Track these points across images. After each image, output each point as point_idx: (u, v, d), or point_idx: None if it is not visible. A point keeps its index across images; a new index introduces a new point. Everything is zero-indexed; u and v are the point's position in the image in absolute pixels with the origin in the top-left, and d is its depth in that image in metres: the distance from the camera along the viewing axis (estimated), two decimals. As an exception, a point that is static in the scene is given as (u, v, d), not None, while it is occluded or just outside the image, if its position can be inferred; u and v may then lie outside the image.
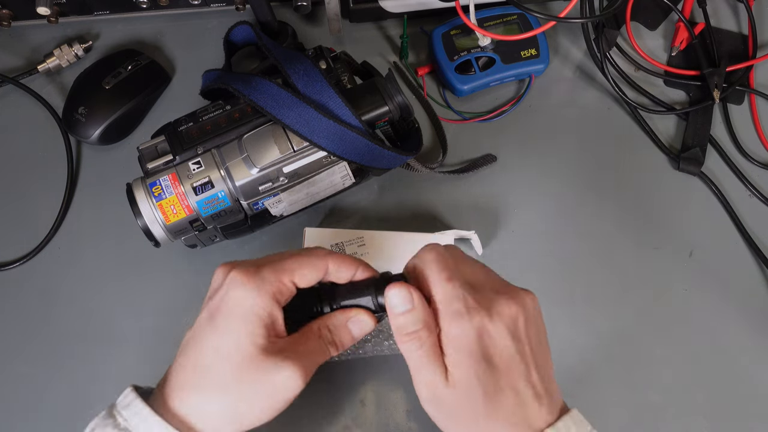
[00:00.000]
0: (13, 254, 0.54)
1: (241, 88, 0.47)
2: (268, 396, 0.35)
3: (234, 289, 0.35)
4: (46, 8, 0.55)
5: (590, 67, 0.62)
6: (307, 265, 0.37)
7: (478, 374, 0.34)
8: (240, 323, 0.35)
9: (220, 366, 0.35)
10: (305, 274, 0.37)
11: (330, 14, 0.57)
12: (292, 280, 0.36)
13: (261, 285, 0.35)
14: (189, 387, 0.35)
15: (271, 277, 0.35)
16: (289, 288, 0.36)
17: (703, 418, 0.50)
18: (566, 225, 0.56)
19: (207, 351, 0.35)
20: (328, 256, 0.38)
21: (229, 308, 0.35)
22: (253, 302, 0.35)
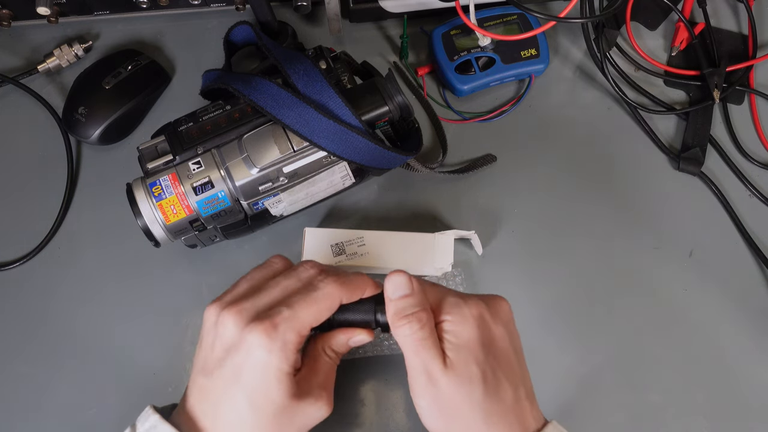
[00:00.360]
0: (13, 254, 0.54)
1: (241, 88, 0.47)
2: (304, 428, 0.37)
3: (259, 351, 0.35)
4: (46, 8, 0.55)
5: (590, 67, 0.62)
6: (322, 312, 0.37)
7: (479, 360, 0.35)
8: (270, 382, 0.35)
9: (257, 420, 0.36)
10: (320, 320, 0.37)
11: (330, 14, 0.57)
12: (310, 327, 0.37)
13: (283, 347, 0.35)
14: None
15: (291, 336, 0.36)
16: (306, 335, 0.37)
17: (703, 418, 0.50)
18: (566, 225, 0.56)
19: (241, 407, 0.36)
20: (341, 291, 0.38)
21: (255, 369, 0.35)
22: (278, 363, 0.35)
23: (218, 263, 0.54)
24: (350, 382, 0.50)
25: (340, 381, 0.50)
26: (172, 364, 0.50)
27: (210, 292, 0.53)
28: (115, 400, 0.49)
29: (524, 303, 0.53)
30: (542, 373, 0.50)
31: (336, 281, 0.38)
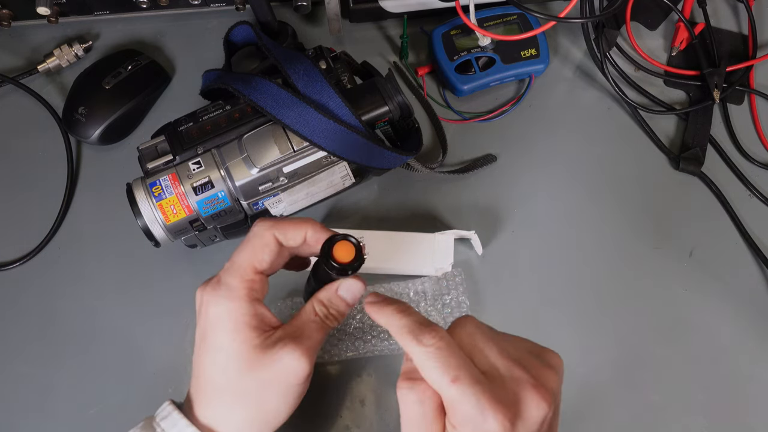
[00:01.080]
0: (13, 254, 0.54)
1: (241, 88, 0.47)
2: (279, 386, 0.36)
3: (209, 307, 0.37)
4: (46, 8, 0.55)
5: (590, 67, 0.62)
6: (256, 251, 0.37)
7: None
8: (228, 334, 0.36)
9: (227, 377, 0.36)
10: (260, 259, 0.37)
11: (330, 14, 0.57)
12: (253, 270, 0.37)
13: (229, 293, 0.36)
14: (208, 402, 0.37)
15: (234, 281, 0.37)
16: (255, 280, 0.37)
17: (703, 418, 0.50)
18: (566, 225, 0.56)
19: (211, 368, 0.37)
20: (272, 229, 0.38)
21: (213, 325, 0.37)
22: (230, 312, 0.36)
23: (218, 263, 0.53)
24: (350, 382, 0.50)
25: (341, 381, 0.50)
26: (172, 363, 0.50)
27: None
28: (116, 400, 0.49)
29: (524, 303, 0.53)
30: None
31: (266, 221, 0.38)
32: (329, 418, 0.49)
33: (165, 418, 0.38)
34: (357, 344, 0.50)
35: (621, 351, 0.52)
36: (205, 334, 0.37)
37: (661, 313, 0.53)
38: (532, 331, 0.53)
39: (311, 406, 0.49)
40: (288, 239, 0.38)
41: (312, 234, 0.38)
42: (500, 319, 0.51)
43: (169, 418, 0.37)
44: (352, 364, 0.50)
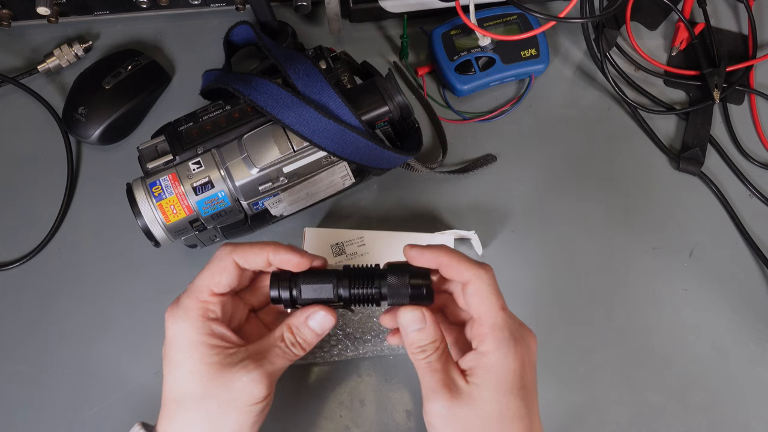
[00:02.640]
0: (13, 254, 0.54)
1: (241, 88, 0.47)
2: (235, 406, 0.37)
3: (169, 327, 0.38)
4: (46, 8, 0.55)
5: (590, 67, 0.62)
6: (214, 274, 0.38)
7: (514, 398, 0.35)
8: (185, 353, 0.37)
9: (185, 392, 0.37)
10: (217, 282, 0.38)
11: (330, 14, 0.57)
12: (210, 292, 0.38)
13: (185, 314, 0.37)
14: (171, 417, 0.38)
15: (190, 302, 0.37)
16: (213, 301, 0.38)
17: (703, 418, 0.50)
18: (566, 225, 0.56)
19: (172, 383, 0.37)
20: (233, 253, 0.38)
21: (172, 344, 0.37)
22: (185, 332, 0.37)
23: (218, 263, 0.53)
24: (350, 382, 0.50)
25: (341, 381, 0.50)
26: None
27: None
28: (115, 400, 0.49)
29: (524, 303, 0.53)
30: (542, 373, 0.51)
31: (227, 245, 0.39)
32: (329, 418, 0.49)
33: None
34: (357, 344, 0.50)
35: (621, 351, 0.52)
36: (166, 352, 0.38)
37: (661, 313, 0.53)
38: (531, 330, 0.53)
39: (311, 406, 0.49)
40: (249, 263, 0.38)
41: (274, 256, 0.38)
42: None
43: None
44: (352, 364, 0.50)
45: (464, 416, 0.35)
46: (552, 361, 0.51)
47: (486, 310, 0.36)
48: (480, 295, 0.36)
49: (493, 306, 0.36)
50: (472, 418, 0.35)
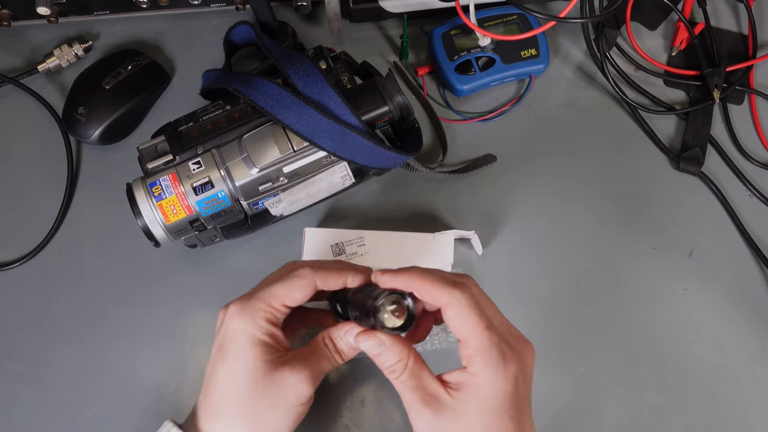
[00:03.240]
0: (13, 254, 0.54)
1: (241, 88, 0.47)
2: (283, 405, 0.38)
3: (232, 321, 0.39)
4: (46, 8, 0.55)
5: (590, 67, 0.62)
6: (293, 289, 0.39)
7: (503, 418, 0.35)
8: (244, 348, 0.38)
9: (236, 389, 0.38)
10: (293, 297, 0.39)
11: (330, 14, 0.57)
12: (283, 303, 0.39)
13: (254, 314, 0.38)
14: (214, 414, 0.38)
15: (261, 305, 0.39)
16: (281, 310, 0.39)
17: (703, 418, 0.50)
18: (566, 225, 0.56)
19: (223, 379, 0.38)
20: (315, 275, 0.40)
21: (232, 338, 0.38)
22: (250, 329, 0.38)
23: (218, 263, 0.54)
24: (350, 382, 0.50)
25: (341, 381, 0.50)
26: (172, 363, 0.50)
27: (210, 292, 0.53)
28: (116, 400, 0.49)
29: (524, 302, 0.53)
30: (542, 373, 0.51)
31: (310, 265, 0.40)
32: (329, 418, 0.49)
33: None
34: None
35: (621, 351, 0.52)
36: (223, 345, 0.38)
37: (661, 313, 0.53)
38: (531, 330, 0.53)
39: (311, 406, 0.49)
40: (327, 285, 0.40)
41: (352, 281, 0.40)
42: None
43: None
44: (352, 364, 0.50)
45: (449, 430, 0.35)
46: (552, 361, 0.51)
47: (469, 333, 0.35)
48: (460, 318, 0.35)
49: (477, 327, 0.35)
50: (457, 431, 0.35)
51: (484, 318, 0.35)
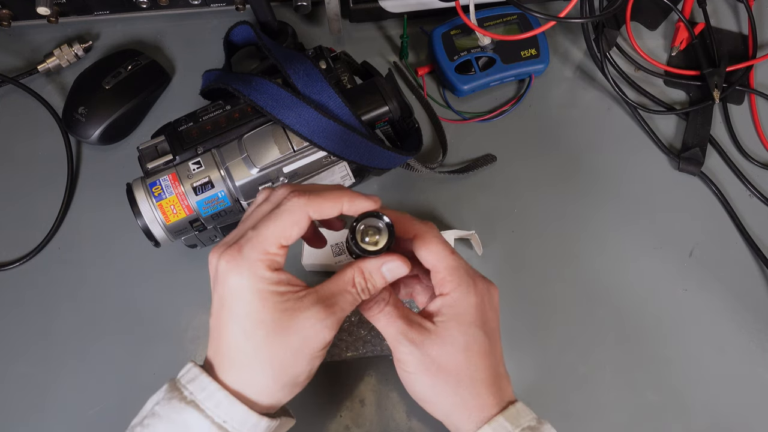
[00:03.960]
0: (13, 254, 0.54)
1: (241, 88, 0.47)
2: (306, 352, 0.36)
3: (229, 276, 0.35)
4: (46, 8, 0.55)
5: (590, 67, 0.62)
6: (286, 227, 0.36)
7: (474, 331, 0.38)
8: (252, 304, 0.35)
9: (254, 342, 0.35)
10: (288, 235, 0.36)
11: (330, 14, 0.57)
12: (278, 245, 0.36)
13: (252, 266, 0.35)
14: (231, 366, 0.36)
15: (255, 254, 0.35)
16: (280, 253, 0.36)
17: (703, 418, 0.50)
18: (566, 225, 0.56)
19: (235, 334, 0.36)
20: (307, 205, 0.36)
21: (236, 294, 0.35)
22: (254, 281, 0.35)
23: (218, 263, 0.53)
24: (350, 382, 0.50)
25: (341, 381, 0.50)
26: (172, 363, 0.50)
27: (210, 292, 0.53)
28: (116, 400, 0.49)
29: (524, 302, 0.53)
30: (542, 373, 0.51)
31: (300, 196, 0.36)
32: (329, 418, 0.49)
33: (192, 381, 0.37)
34: (357, 344, 0.50)
35: (621, 351, 0.52)
36: (227, 302, 0.36)
37: (662, 313, 0.53)
38: (531, 330, 0.53)
39: (311, 406, 0.49)
40: (323, 214, 0.37)
41: (349, 206, 0.37)
42: (500, 318, 0.50)
43: (197, 381, 0.36)
44: (352, 364, 0.50)
45: (434, 352, 0.37)
46: (552, 361, 0.51)
47: (438, 257, 0.38)
48: (431, 246, 0.38)
49: (444, 252, 0.38)
50: (442, 353, 0.37)
51: (449, 246, 0.39)
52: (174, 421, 0.35)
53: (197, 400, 0.36)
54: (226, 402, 0.35)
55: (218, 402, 0.35)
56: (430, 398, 0.38)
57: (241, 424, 0.35)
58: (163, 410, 0.36)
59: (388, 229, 0.37)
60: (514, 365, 0.41)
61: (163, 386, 0.38)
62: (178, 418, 0.35)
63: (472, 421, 0.37)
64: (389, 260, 0.37)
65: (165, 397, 0.37)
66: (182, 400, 0.36)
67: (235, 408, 0.35)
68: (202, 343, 0.51)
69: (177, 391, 0.36)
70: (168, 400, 0.36)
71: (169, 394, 0.37)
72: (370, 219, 0.37)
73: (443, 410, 0.38)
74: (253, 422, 0.36)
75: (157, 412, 0.36)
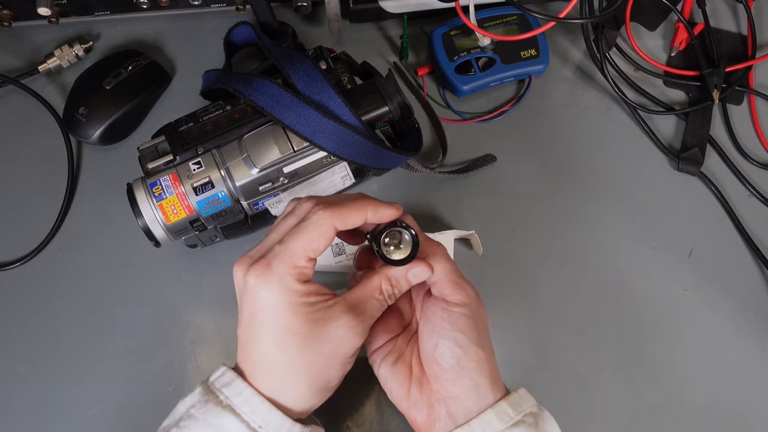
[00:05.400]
0: (13, 254, 0.54)
1: (241, 89, 0.47)
2: (338, 359, 0.37)
3: (260, 290, 0.36)
4: (47, 9, 0.55)
5: (590, 67, 0.62)
6: (313, 240, 0.37)
7: (473, 325, 0.39)
8: (282, 316, 0.36)
9: (288, 354, 0.36)
10: (315, 248, 0.37)
11: (330, 14, 0.57)
12: (307, 258, 0.37)
13: (282, 279, 0.36)
14: (265, 375, 0.37)
15: (284, 268, 0.36)
16: (307, 266, 0.37)
17: (703, 418, 0.50)
18: (565, 225, 0.56)
19: (267, 346, 0.37)
20: (332, 218, 0.37)
21: (266, 308, 0.36)
22: (285, 297, 0.36)
23: (218, 263, 0.54)
24: (350, 382, 0.50)
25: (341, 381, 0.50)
26: (172, 363, 0.51)
27: (210, 292, 0.53)
28: (116, 400, 0.49)
29: (524, 303, 0.53)
30: (542, 372, 0.51)
31: (326, 208, 0.37)
32: (329, 418, 0.49)
33: (227, 386, 0.37)
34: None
35: (621, 351, 0.52)
36: (258, 316, 0.36)
37: (661, 313, 0.53)
38: (531, 330, 0.53)
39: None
40: (348, 225, 0.38)
41: (373, 215, 0.38)
42: (500, 318, 0.51)
43: (232, 386, 0.37)
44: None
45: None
46: (552, 361, 0.51)
47: (437, 260, 0.40)
48: (438, 265, 0.40)
49: (441, 258, 0.40)
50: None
51: (446, 253, 0.41)
52: (211, 425, 0.36)
53: (233, 405, 0.36)
54: (262, 408, 0.36)
55: (255, 408, 0.36)
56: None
57: (276, 430, 0.36)
58: (200, 413, 0.36)
59: (413, 240, 0.38)
60: (514, 365, 0.41)
61: (196, 389, 0.38)
62: (215, 422, 0.36)
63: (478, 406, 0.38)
64: (415, 266, 0.39)
65: (201, 400, 0.37)
66: (218, 404, 0.36)
67: (271, 414, 0.36)
68: (202, 344, 0.51)
69: (212, 395, 0.37)
70: (204, 404, 0.37)
71: (205, 397, 0.37)
72: (394, 227, 0.39)
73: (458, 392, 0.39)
74: (287, 428, 0.36)
75: (193, 415, 0.36)
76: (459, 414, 0.38)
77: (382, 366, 0.41)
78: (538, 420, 0.38)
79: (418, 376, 0.40)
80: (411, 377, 0.40)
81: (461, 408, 0.38)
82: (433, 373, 0.39)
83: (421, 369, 0.40)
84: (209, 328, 0.52)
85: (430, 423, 0.39)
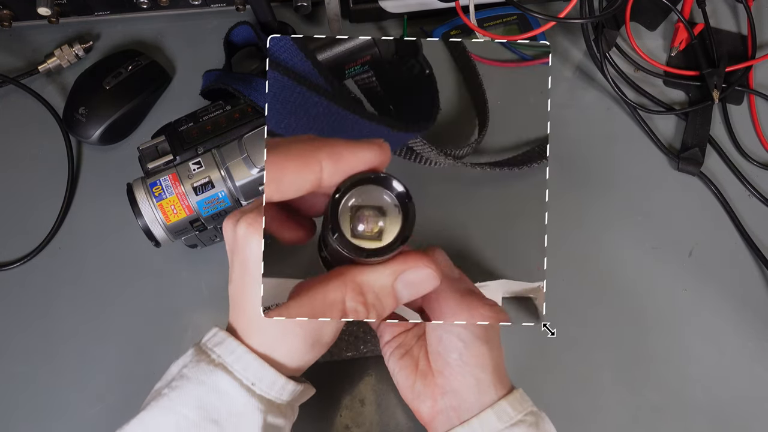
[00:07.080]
0: (13, 254, 0.54)
1: (241, 89, 0.47)
2: None
3: (249, 242, 0.34)
4: (47, 9, 0.55)
5: (590, 67, 0.62)
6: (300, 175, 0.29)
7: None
8: None
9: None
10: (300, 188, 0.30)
11: (330, 14, 0.57)
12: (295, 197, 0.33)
13: None
14: (257, 330, 0.36)
15: None
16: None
17: (703, 418, 0.50)
18: (565, 225, 0.56)
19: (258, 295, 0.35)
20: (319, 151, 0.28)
21: (256, 258, 0.34)
22: None
23: (218, 263, 0.53)
24: (350, 382, 0.50)
25: (341, 381, 0.50)
26: (172, 363, 0.50)
27: (210, 292, 0.53)
28: (116, 400, 0.49)
29: (524, 303, 0.53)
30: (541, 372, 0.51)
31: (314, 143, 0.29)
32: (329, 418, 0.49)
33: (219, 345, 0.36)
34: (357, 344, 0.50)
35: (621, 351, 0.52)
36: (249, 267, 0.34)
37: (661, 313, 0.53)
38: (530, 329, 0.53)
39: (311, 406, 0.49)
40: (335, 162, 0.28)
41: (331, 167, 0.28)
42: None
43: (224, 345, 0.36)
44: (352, 364, 0.50)
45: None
46: (552, 361, 0.51)
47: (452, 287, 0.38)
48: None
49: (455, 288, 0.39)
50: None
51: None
52: (204, 383, 0.35)
53: (225, 363, 0.35)
54: (255, 364, 0.35)
55: (247, 364, 0.35)
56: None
57: (269, 387, 0.35)
58: (192, 372, 0.36)
59: (401, 204, 0.22)
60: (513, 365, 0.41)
61: (188, 351, 0.37)
62: (208, 380, 0.35)
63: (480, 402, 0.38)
64: (407, 264, 0.28)
65: (193, 360, 0.36)
66: (210, 363, 0.36)
67: (264, 370, 0.35)
68: (203, 343, 0.51)
69: (204, 354, 0.36)
70: (196, 363, 0.36)
71: (197, 357, 0.36)
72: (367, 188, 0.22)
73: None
74: (281, 384, 0.36)
75: (185, 375, 0.36)
76: (460, 409, 0.38)
77: (391, 359, 0.41)
78: (538, 420, 0.38)
79: (423, 370, 0.40)
80: (417, 371, 0.40)
81: (463, 403, 0.38)
82: (437, 368, 0.39)
83: (427, 363, 0.40)
84: (209, 328, 0.52)
85: (432, 416, 0.39)
